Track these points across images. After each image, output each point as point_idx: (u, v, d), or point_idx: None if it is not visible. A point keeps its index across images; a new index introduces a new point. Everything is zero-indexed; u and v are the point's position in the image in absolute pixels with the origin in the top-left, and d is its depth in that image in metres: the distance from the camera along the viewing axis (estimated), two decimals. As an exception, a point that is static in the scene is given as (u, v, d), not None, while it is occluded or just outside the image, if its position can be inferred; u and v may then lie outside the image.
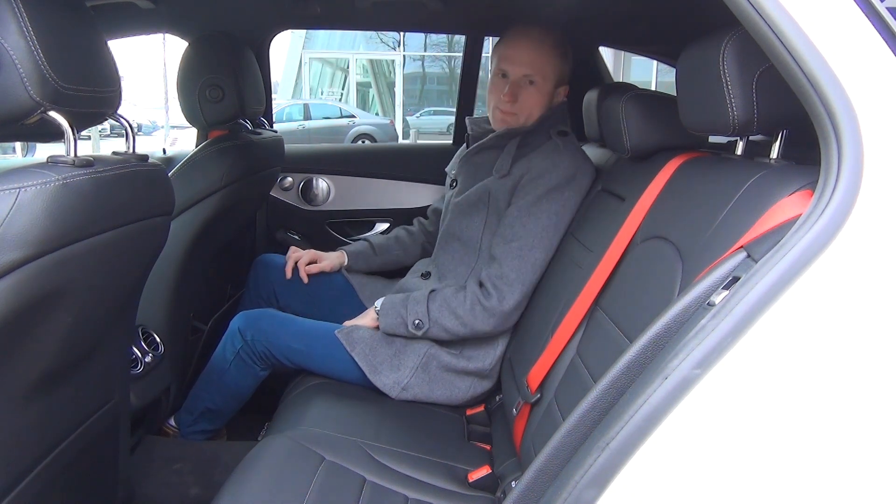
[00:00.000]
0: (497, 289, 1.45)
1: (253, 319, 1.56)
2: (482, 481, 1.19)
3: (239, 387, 1.58)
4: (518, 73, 1.53)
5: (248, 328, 1.54)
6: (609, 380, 0.79)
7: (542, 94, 1.55)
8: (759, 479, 0.67)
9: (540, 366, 1.20)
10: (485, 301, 1.45)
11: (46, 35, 0.79)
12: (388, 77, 16.91)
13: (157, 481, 1.47)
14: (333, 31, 12.76)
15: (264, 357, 1.55)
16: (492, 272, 1.48)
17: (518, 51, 1.54)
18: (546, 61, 1.54)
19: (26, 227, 0.75)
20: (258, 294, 1.82)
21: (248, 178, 1.74)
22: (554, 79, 1.56)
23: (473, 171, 1.63)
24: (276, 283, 1.80)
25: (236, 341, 1.55)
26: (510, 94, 1.52)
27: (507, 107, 1.54)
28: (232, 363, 1.56)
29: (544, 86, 1.54)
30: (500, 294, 1.45)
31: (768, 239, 0.72)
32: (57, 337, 0.87)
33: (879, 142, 0.68)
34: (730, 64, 0.85)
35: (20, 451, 0.89)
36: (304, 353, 1.52)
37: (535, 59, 1.53)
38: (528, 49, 1.53)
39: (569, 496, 0.70)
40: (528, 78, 1.53)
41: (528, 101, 1.54)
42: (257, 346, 1.54)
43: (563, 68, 1.58)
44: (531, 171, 1.50)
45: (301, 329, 1.55)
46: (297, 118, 12.90)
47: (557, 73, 1.56)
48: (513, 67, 1.53)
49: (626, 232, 1.13)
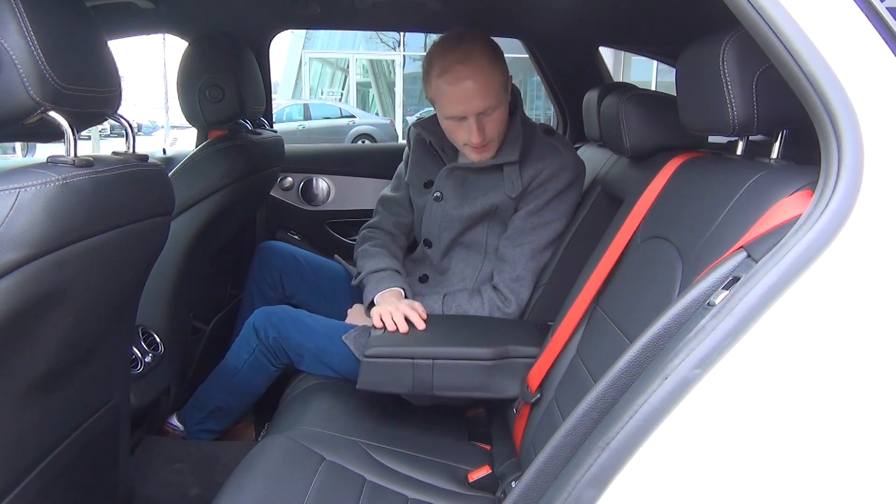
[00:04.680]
0: (514, 292, 1.48)
1: (268, 316, 1.56)
2: (482, 481, 1.19)
3: (251, 386, 1.59)
4: (473, 112, 1.42)
5: (263, 325, 1.55)
6: (609, 380, 0.79)
7: (502, 112, 1.46)
8: (759, 478, 0.67)
9: (540, 366, 1.20)
10: (505, 307, 1.48)
11: (46, 35, 0.79)
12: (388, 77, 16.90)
13: (157, 481, 1.47)
14: (333, 31, 12.74)
15: (278, 355, 1.55)
16: (506, 276, 1.48)
17: (464, 92, 1.40)
18: (490, 84, 1.41)
19: (26, 227, 0.75)
20: (263, 280, 1.82)
21: (248, 178, 1.74)
22: (504, 89, 1.46)
23: (466, 185, 1.57)
24: (281, 270, 1.82)
25: (252, 340, 1.56)
26: (479, 133, 1.43)
27: (478, 142, 1.45)
28: (246, 362, 1.57)
29: (499, 105, 1.44)
30: (517, 297, 1.48)
31: (768, 239, 0.72)
32: (57, 337, 0.87)
33: (879, 142, 0.68)
34: (730, 64, 0.85)
35: (20, 451, 0.89)
36: (316, 352, 1.52)
37: (485, 90, 1.40)
38: (474, 85, 1.39)
39: (569, 496, 0.70)
40: (485, 112, 1.43)
41: (496, 126, 1.46)
42: (271, 343, 1.54)
43: (503, 70, 1.46)
44: (538, 177, 1.50)
45: (314, 328, 1.55)
46: (297, 118, 12.89)
47: (503, 82, 1.45)
48: (468, 109, 1.42)
49: (626, 232, 1.13)
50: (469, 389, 1.29)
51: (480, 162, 1.51)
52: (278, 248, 1.87)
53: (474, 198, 1.56)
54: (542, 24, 2.24)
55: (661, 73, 7.99)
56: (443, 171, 1.60)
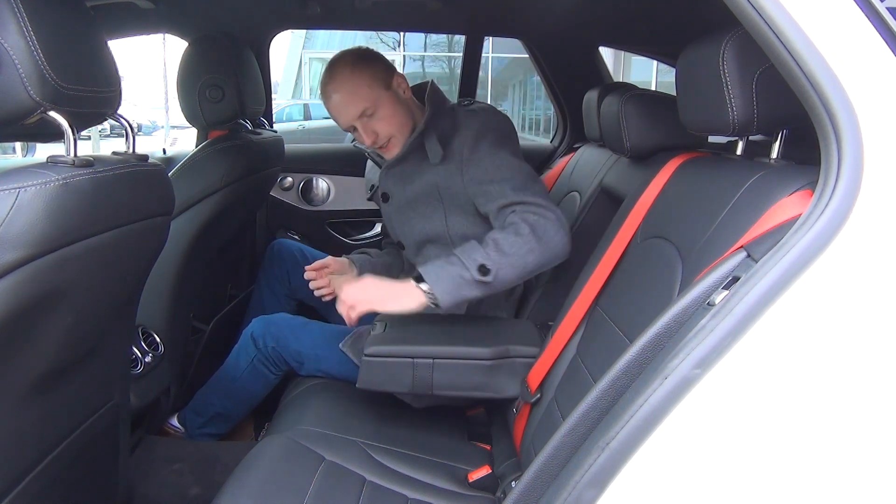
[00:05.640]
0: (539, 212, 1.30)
1: (266, 325, 1.58)
2: (482, 481, 1.19)
3: (250, 393, 1.61)
4: (352, 122, 1.47)
5: (261, 335, 1.56)
6: (609, 380, 0.79)
7: (388, 108, 1.47)
8: (758, 478, 0.67)
9: (540, 366, 1.20)
10: (539, 218, 1.29)
11: (46, 35, 0.79)
12: (387, 77, 16.89)
13: (157, 481, 1.47)
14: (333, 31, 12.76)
15: (277, 363, 1.57)
16: (519, 208, 1.32)
17: (335, 106, 1.47)
18: (356, 90, 1.44)
19: (26, 227, 0.75)
20: (272, 275, 1.89)
21: (248, 179, 1.74)
22: (377, 90, 1.46)
23: (403, 178, 1.57)
24: (289, 266, 1.88)
25: (250, 350, 1.58)
26: (368, 137, 1.48)
27: (370, 144, 1.50)
28: (245, 371, 1.59)
29: (379, 104, 1.46)
30: (543, 214, 1.30)
31: (768, 239, 0.72)
32: (57, 337, 0.87)
33: (879, 142, 0.68)
34: (730, 64, 0.85)
35: (20, 450, 0.89)
36: (315, 359, 1.53)
37: (351, 98, 1.44)
38: (340, 97, 1.45)
39: (569, 496, 0.70)
40: (363, 117, 1.46)
41: (385, 125, 1.48)
42: (269, 352, 1.56)
43: (372, 71, 1.47)
44: (467, 139, 1.44)
45: (313, 335, 1.56)
46: (297, 118, 12.89)
47: (371, 82, 1.45)
48: (345, 120, 1.47)
49: (626, 232, 1.13)
50: (469, 389, 1.29)
51: (398, 155, 1.51)
52: (287, 244, 1.93)
53: (411, 182, 1.55)
54: (542, 25, 2.24)
55: (661, 73, 7.98)
56: (380, 173, 1.62)
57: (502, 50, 14.66)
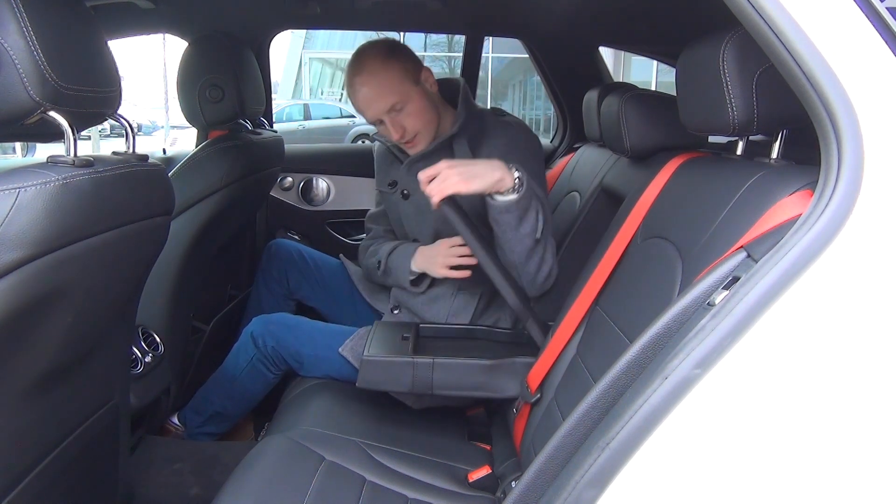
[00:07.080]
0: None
1: (266, 325, 1.57)
2: (482, 481, 1.19)
3: (250, 392, 1.61)
4: (380, 115, 1.45)
5: (261, 334, 1.56)
6: (609, 380, 0.79)
7: (417, 103, 1.45)
8: (758, 478, 0.67)
9: (540, 366, 1.20)
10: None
11: (46, 35, 0.79)
12: (387, 77, 16.89)
13: (157, 481, 1.47)
14: (333, 31, 12.75)
15: (276, 363, 1.57)
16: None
17: (364, 100, 1.44)
18: (386, 84, 1.42)
19: (26, 227, 0.75)
20: (270, 275, 1.87)
21: (248, 178, 1.74)
22: (407, 84, 1.44)
23: None
24: (287, 266, 1.86)
25: (249, 349, 1.58)
26: (396, 132, 1.45)
27: (398, 139, 1.47)
28: (244, 370, 1.59)
29: (409, 99, 1.44)
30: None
31: (768, 239, 0.72)
32: (57, 337, 0.87)
33: (879, 142, 0.68)
34: (730, 64, 0.85)
35: (20, 451, 0.89)
36: (315, 360, 1.53)
37: (381, 92, 1.42)
38: (369, 91, 1.43)
39: (569, 496, 0.70)
40: (393, 110, 1.44)
41: (413, 120, 1.45)
42: (269, 352, 1.56)
43: (402, 66, 1.45)
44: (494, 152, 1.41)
45: (313, 335, 1.56)
46: (297, 118, 12.91)
47: (402, 77, 1.44)
48: (374, 114, 1.45)
49: (626, 231, 1.13)
50: (469, 389, 1.29)
51: (423, 151, 1.50)
52: (285, 245, 1.91)
53: None
54: (542, 25, 2.24)
55: (661, 73, 8.00)
56: (402, 168, 1.59)
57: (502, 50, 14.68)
